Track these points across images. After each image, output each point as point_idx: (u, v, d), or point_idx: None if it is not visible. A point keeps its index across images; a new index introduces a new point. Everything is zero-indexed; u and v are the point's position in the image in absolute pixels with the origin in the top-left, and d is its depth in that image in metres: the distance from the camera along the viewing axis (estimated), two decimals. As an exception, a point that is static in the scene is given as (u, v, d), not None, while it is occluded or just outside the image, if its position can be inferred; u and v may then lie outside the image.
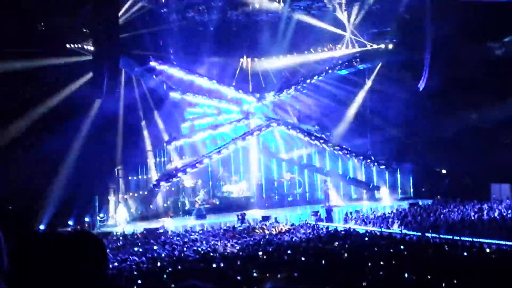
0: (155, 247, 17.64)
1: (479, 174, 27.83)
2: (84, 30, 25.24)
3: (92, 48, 25.06)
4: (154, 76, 29.29)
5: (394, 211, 25.02)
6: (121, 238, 21.85)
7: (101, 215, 27.06)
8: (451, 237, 16.40)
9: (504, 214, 20.85)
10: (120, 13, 25.31)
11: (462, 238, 15.70)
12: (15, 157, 22.25)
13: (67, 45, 25.12)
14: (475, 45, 27.38)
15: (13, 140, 22.40)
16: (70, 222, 23.68)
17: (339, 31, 32.05)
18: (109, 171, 27.66)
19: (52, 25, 24.43)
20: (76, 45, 25.40)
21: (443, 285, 9.33)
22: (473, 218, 20.58)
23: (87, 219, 25.34)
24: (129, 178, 29.69)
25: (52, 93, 24.13)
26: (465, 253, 12.49)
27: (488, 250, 13.23)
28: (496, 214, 21.09)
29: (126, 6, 26.69)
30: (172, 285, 9.97)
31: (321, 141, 32.53)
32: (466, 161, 27.76)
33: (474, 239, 15.36)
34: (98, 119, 25.87)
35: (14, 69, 22.06)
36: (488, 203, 24.28)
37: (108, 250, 16.52)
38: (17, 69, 22.17)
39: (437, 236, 16.98)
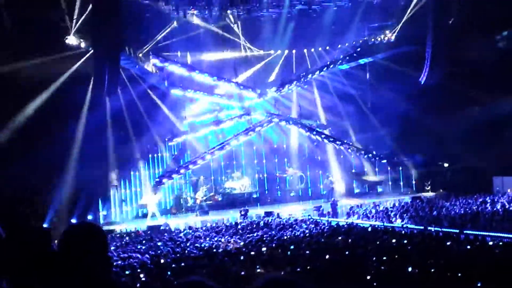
0: (158, 244, 17.65)
1: (481, 167, 27.77)
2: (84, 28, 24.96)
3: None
4: (154, 73, 29.24)
5: (397, 205, 25.02)
6: (124, 235, 21.91)
7: (104, 212, 27.17)
8: (453, 230, 16.39)
9: (507, 207, 20.82)
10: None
11: (465, 232, 15.68)
12: (15, 156, 22.14)
13: (66, 41, 24.69)
14: (478, 37, 27.19)
15: (13, 139, 22.21)
16: (73, 221, 23.71)
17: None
18: (109, 169, 27.67)
19: (51, 22, 24.12)
20: (74, 42, 25.08)
21: (446, 278, 9.33)
22: (475, 211, 20.55)
23: (90, 217, 25.40)
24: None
25: (49, 90, 23.88)
26: (468, 246, 12.47)
27: (491, 243, 13.23)
28: (498, 207, 21.06)
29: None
30: (176, 282, 9.97)
31: (323, 136, 32.50)
32: (468, 155, 27.68)
33: (477, 232, 15.36)
34: (102, 117, 25.81)
35: (14, 68, 21.65)
36: (490, 196, 24.26)
37: (112, 248, 16.59)
38: (18, 67, 21.78)
39: (440, 229, 16.97)
